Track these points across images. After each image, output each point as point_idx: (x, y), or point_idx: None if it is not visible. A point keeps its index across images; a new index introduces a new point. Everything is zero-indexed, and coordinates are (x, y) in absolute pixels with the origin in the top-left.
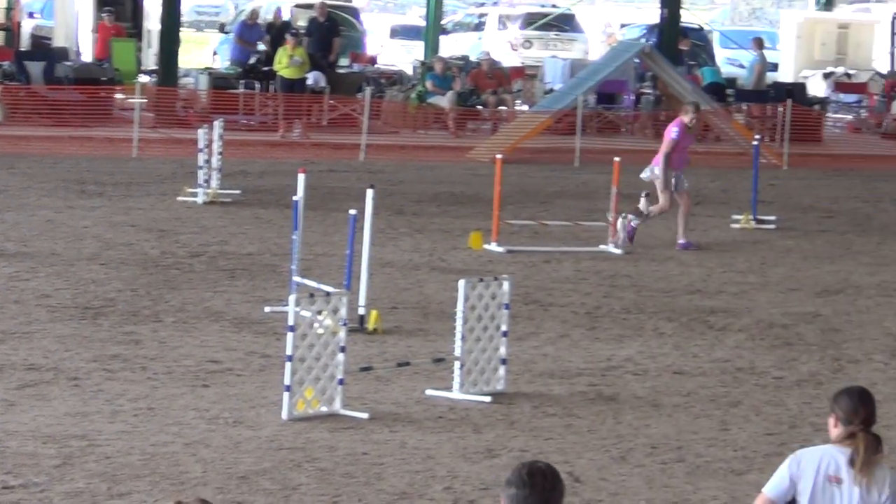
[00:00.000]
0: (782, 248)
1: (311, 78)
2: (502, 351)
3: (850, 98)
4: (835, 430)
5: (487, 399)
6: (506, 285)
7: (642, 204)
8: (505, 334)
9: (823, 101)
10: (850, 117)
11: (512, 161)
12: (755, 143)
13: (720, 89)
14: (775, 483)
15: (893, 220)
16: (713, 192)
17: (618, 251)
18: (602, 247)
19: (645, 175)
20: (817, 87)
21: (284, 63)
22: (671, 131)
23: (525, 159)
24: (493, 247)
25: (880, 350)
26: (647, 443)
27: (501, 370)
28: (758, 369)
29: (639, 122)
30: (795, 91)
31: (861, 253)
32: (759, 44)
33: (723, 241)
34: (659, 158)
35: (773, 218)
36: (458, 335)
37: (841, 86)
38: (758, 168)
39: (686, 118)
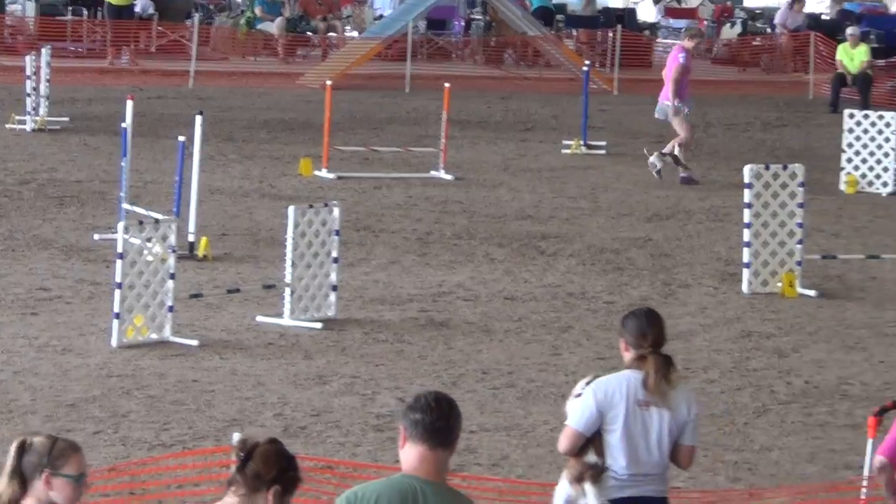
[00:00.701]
0: (613, 173)
1: (139, 5)
2: (333, 277)
3: (680, 23)
4: (626, 353)
5: (318, 325)
6: (336, 211)
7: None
8: (335, 261)
9: (653, 27)
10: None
11: (342, 87)
12: (585, 68)
13: (549, 14)
14: (582, 415)
15: (723, 145)
16: (544, 119)
17: (449, 177)
18: (433, 172)
19: (660, 114)
20: (647, 13)
21: None
22: (677, 58)
23: (355, 86)
24: (323, 173)
25: (710, 274)
26: (478, 368)
27: (332, 297)
28: (589, 294)
29: (469, 48)
30: (626, 16)
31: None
32: None
33: (554, 166)
34: (668, 92)
35: (603, 143)
36: (289, 262)
37: (671, 11)
38: (588, 94)
39: (689, 44)
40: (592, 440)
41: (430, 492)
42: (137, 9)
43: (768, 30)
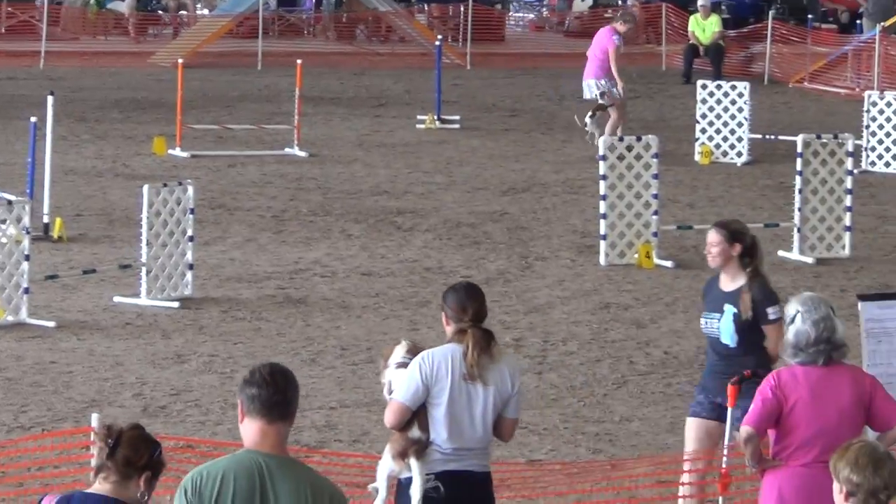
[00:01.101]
0: (467, 147)
1: None
2: (189, 256)
3: None
4: (448, 328)
5: (175, 304)
6: (190, 190)
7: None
8: (191, 239)
9: (505, 1)
10: (532, 16)
11: (194, 66)
12: (437, 43)
13: None
14: (408, 389)
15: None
16: (397, 94)
17: (303, 154)
18: (287, 150)
19: (591, 94)
20: None
21: None
22: (612, 40)
23: (207, 63)
24: (177, 152)
25: (566, 247)
26: (336, 344)
27: (189, 275)
28: (446, 269)
29: (321, 24)
30: None
31: (546, 151)
32: None
33: (408, 141)
34: (596, 70)
35: (457, 117)
36: (144, 241)
37: None
38: (441, 68)
39: (622, 28)
40: (417, 414)
41: (274, 465)
42: None
43: (619, 1)
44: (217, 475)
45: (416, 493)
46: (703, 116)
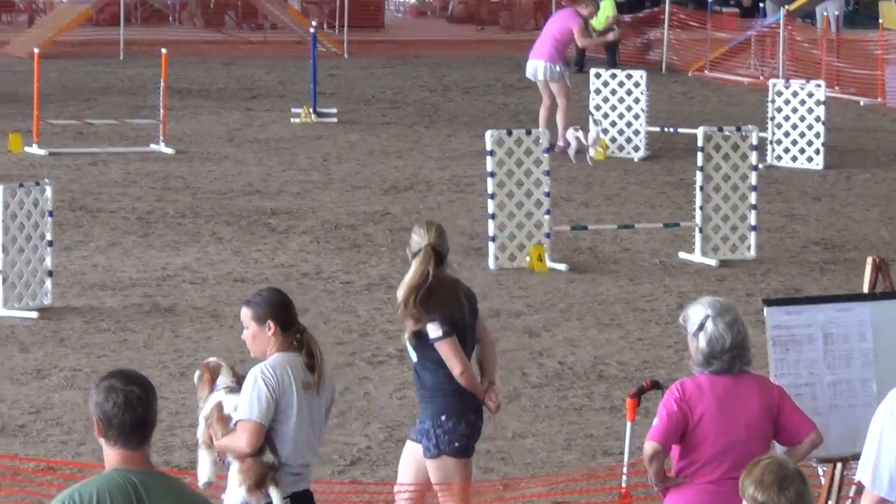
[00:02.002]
0: (346, 142)
1: None
2: (48, 262)
3: None
4: (273, 336)
5: (34, 315)
6: (49, 191)
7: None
8: (50, 244)
9: None
10: (413, 0)
11: (51, 56)
12: (312, 30)
13: None
14: (260, 405)
15: (463, 111)
16: (270, 85)
17: (169, 151)
18: (153, 146)
19: (537, 74)
20: None
21: None
22: (575, 22)
23: (65, 53)
24: (34, 149)
25: (453, 250)
26: (208, 356)
27: (48, 283)
28: (325, 274)
29: (187, 11)
30: None
31: (430, 146)
32: None
33: (282, 136)
34: (549, 53)
35: (334, 111)
36: (0, 245)
37: None
38: (316, 57)
39: (585, 11)
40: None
41: (148, 482)
42: None
43: None
44: (92, 496)
45: None
46: (598, 108)
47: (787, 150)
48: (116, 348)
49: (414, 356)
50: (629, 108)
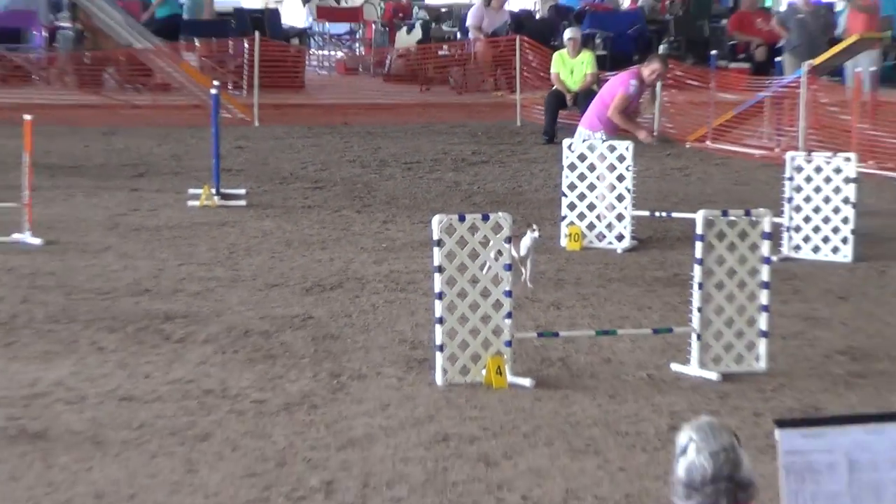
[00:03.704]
0: (257, 230)
1: None
2: None
3: (340, 28)
4: None
5: None
6: None
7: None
8: None
9: (303, 34)
10: (340, 55)
11: None
12: (214, 91)
13: (175, 26)
14: None
15: (403, 191)
16: (162, 160)
17: (37, 241)
18: (16, 236)
19: (581, 141)
20: (295, 16)
21: None
22: (629, 84)
23: None
24: None
25: (392, 361)
26: (89, 491)
27: None
28: (232, 391)
29: (55, 68)
30: (266, 20)
31: (363, 235)
32: None
33: (178, 223)
34: (597, 121)
35: (243, 192)
36: None
37: (326, 12)
38: (219, 125)
39: (647, 72)
40: None
41: None
42: None
43: (458, 35)
44: None
45: None
46: (572, 187)
47: (807, 239)
48: None
49: None
50: (611, 188)
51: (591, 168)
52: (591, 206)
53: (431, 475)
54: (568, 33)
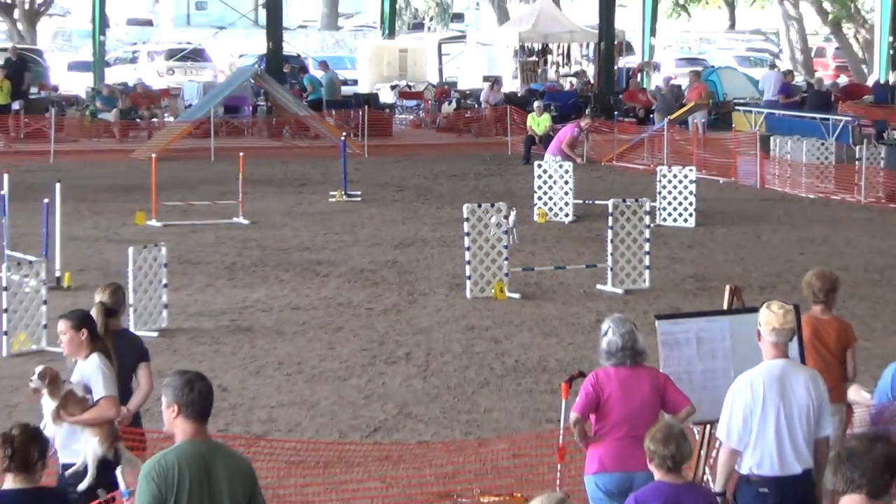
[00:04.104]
0: (367, 214)
1: (16, 104)
2: (164, 298)
3: (411, 103)
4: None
5: (154, 334)
6: (164, 250)
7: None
8: (165, 286)
9: (392, 106)
10: (411, 117)
11: (164, 158)
12: (342, 138)
13: (320, 103)
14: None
15: (447, 191)
16: (314, 176)
17: (246, 222)
18: (234, 219)
19: (548, 164)
20: (386, 96)
21: None
22: (574, 131)
23: (174, 156)
24: (153, 223)
25: (442, 285)
26: (274, 360)
27: (164, 312)
28: (353, 303)
29: (256, 127)
30: (371, 99)
31: (425, 216)
32: (324, 66)
33: (323, 210)
34: (556, 149)
35: (359, 193)
36: (131, 288)
37: (404, 94)
38: (346, 157)
39: (583, 123)
40: None
41: (208, 449)
42: (15, 107)
43: (476, 105)
44: (173, 463)
45: None
46: (539, 188)
47: (669, 214)
48: (212, 356)
49: None
50: (561, 188)
51: (550, 177)
52: (551, 198)
53: (465, 348)
54: (536, 103)
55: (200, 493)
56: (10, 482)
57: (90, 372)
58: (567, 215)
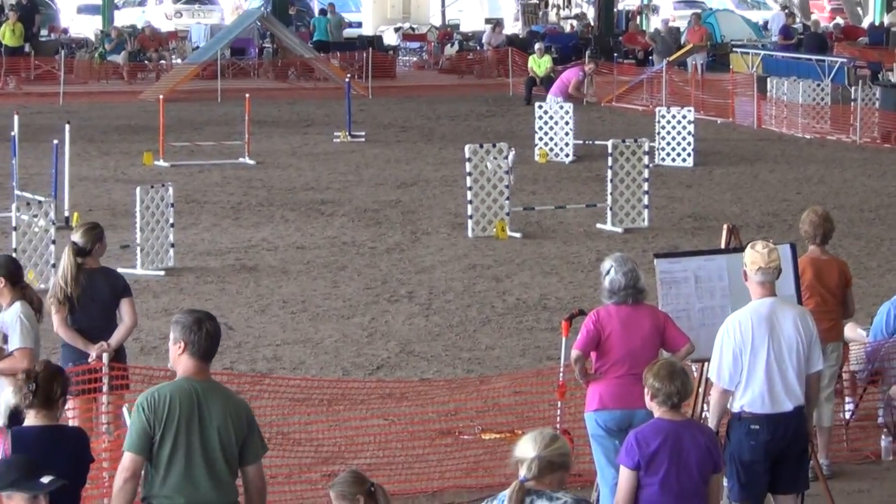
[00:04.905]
0: (371, 154)
1: (27, 46)
2: (171, 237)
3: (415, 45)
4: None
5: (161, 273)
6: (171, 190)
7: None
8: (172, 225)
9: (395, 48)
10: (415, 59)
11: (171, 100)
12: (347, 80)
13: (325, 44)
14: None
15: (450, 132)
16: (319, 117)
17: (252, 162)
18: (240, 159)
19: (550, 105)
20: (390, 38)
21: (9, 34)
22: (579, 74)
23: (181, 98)
24: (160, 163)
25: (445, 225)
26: (279, 299)
27: (171, 251)
28: (357, 242)
29: (262, 68)
30: (375, 41)
31: (428, 156)
32: (330, 8)
33: (328, 151)
34: (559, 93)
35: (363, 133)
36: (138, 227)
37: (407, 36)
38: (350, 98)
39: (587, 67)
40: None
41: (204, 388)
42: (26, 49)
43: (478, 47)
44: (165, 396)
45: None
46: (540, 128)
47: (668, 154)
48: (218, 294)
49: None
50: (561, 128)
51: (551, 118)
52: (552, 138)
53: (467, 287)
54: (537, 45)
55: (188, 429)
56: (31, 419)
57: (9, 321)
58: (567, 155)
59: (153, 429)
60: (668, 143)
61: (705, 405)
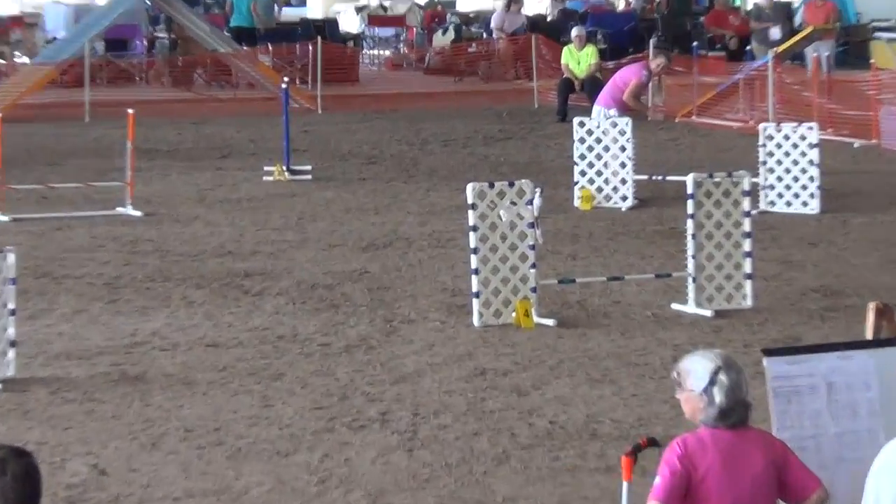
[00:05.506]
0: (321, 199)
1: None
2: (11, 332)
3: (387, 32)
4: None
5: None
6: (11, 258)
7: None
8: (13, 313)
9: (357, 37)
10: (387, 53)
11: (14, 119)
12: (284, 86)
13: (248, 32)
14: None
15: (442, 164)
16: (241, 143)
17: (137, 213)
18: (119, 209)
19: (600, 119)
20: (350, 23)
21: None
22: (641, 75)
23: (29, 116)
24: None
25: (436, 307)
26: (180, 426)
27: (11, 353)
28: (301, 336)
29: (154, 70)
30: (326, 27)
31: (408, 201)
32: None
33: (255, 195)
34: (611, 101)
35: (308, 167)
36: None
37: (376, 19)
38: (288, 114)
39: (653, 64)
40: None
41: None
42: None
43: (484, 35)
44: None
45: None
46: (582, 157)
47: (780, 196)
48: (83, 419)
49: None
50: (615, 157)
51: (598, 141)
52: (599, 173)
53: (472, 404)
54: (575, 31)
55: None
56: None
57: None
58: (625, 198)
59: None
60: (780, 179)
61: None
